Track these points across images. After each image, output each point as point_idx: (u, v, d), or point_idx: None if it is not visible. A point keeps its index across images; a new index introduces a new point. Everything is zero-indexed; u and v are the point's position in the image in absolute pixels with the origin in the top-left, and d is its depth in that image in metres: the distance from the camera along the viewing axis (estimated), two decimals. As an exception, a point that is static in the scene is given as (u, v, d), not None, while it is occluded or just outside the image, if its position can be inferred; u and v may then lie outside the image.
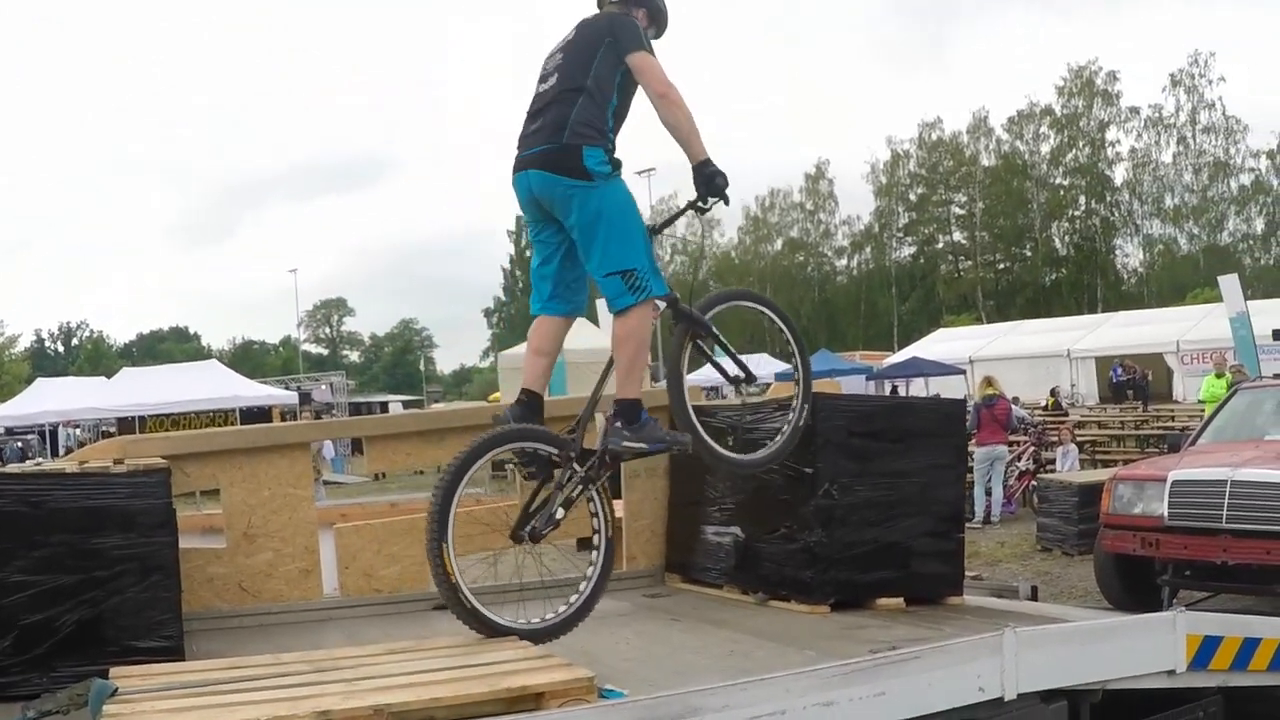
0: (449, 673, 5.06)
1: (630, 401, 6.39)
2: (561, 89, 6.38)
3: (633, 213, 6.37)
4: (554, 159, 6.23)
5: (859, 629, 6.84)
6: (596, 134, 6.26)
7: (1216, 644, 6.55)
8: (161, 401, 39.93)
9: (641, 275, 6.26)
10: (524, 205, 6.55)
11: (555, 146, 6.24)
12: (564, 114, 6.27)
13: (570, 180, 6.19)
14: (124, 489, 5.98)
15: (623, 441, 6.36)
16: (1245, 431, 12.22)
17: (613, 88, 6.36)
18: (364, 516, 10.17)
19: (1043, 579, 13.77)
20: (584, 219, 6.24)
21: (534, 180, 6.32)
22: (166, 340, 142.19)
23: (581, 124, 6.23)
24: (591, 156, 6.19)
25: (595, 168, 6.20)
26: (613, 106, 6.37)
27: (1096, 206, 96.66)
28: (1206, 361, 45.53)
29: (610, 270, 6.24)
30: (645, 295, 6.29)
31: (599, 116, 6.30)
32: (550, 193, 6.27)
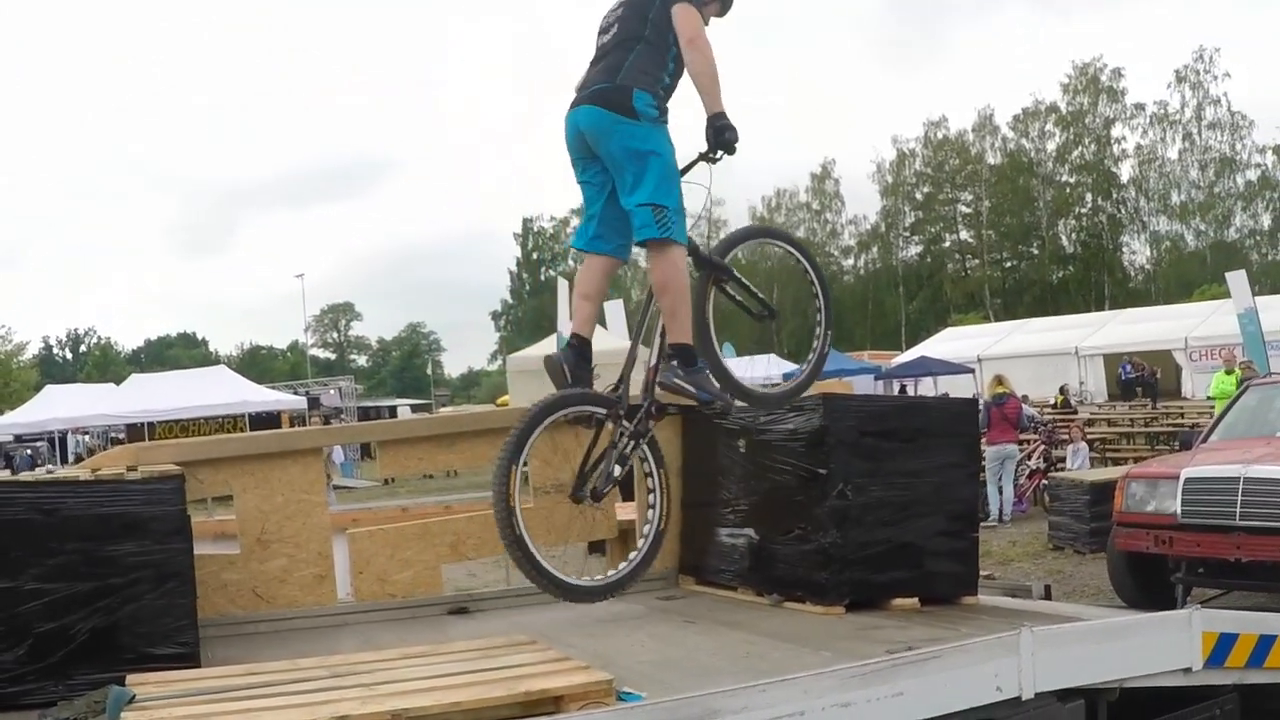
0: (466, 677, 5.06)
1: (684, 345, 6.70)
2: (620, 38, 6.71)
3: (670, 158, 6.61)
4: (604, 96, 6.55)
5: (874, 629, 6.82)
6: (649, 80, 6.58)
7: (1232, 641, 6.54)
8: (171, 408, 39.96)
9: (670, 215, 6.51)
10: (570, 144, 6.81)
11: (608, 85, 6.57)
12: (621, 59, 6.62)
13: (615, 115, 6.49)
14: (138, 496, 5.98)
15: (674, 379, 6.70)
16: (1257, 428, 12.20)
17: (670, 39, 6.61)
18: (375, 521, 10.15)
19: (1055, 578, 13.76)
20: (622, 152, 6.53)
21: (582, 115, 6.62)
22: (174, 346, 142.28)
23: (636, 69, 6.57)
24: (640, 98, 6.49)
25: (642, 109, 6.49)
26: (672, 54, 6.64)
27: (1103, 204, 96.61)
28: (1215, 358, 45.45)
29: (642, 201, 6.49)
30: (669, 234, 6.51)
31: (656, 64, 6.62)
32: (595, 125, 6.56)
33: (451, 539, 8.23)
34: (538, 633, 6.44)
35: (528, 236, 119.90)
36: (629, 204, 6.56)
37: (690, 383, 6.72)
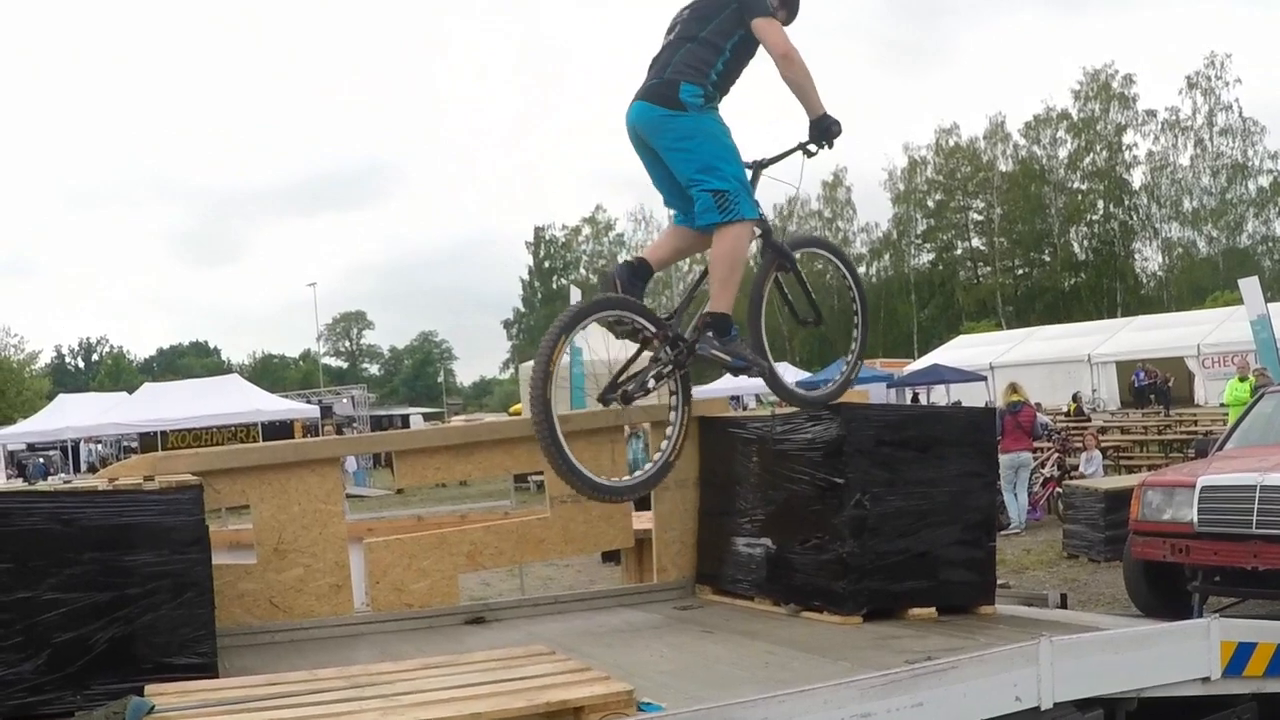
0: (487, 687, 5.05)
1: (721, 315, 6.99)
2: (679, 37, 7.02)
3: (722, 138, 6.91)
4: (654, 92, 6.89)
5: (892, 639, 6.81)
6: (696, 73, 6.84)
7: (1250, 650, 6.53)
8: (184, 416, 40.06)
9: (732, 196, 6.79)
10: (631, 140, 7.15)
11: (658, 81, 6.91)
12: (670, 57, 6.95)
13: (663, 109, 6.81)
14: (156, 506, 5.98)
15: (710, 349, 7.01)
16: (1272, 436, 12.18)
17: (727, 45, 6.90)
18: (391, 531, 10.15)
19: (1070, 586, 13.76)
20: (672, 141, 6.85)
21: (634, 112, 6.98)
22: (186, 355, 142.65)
23: (684, 64, 6.86)
24: (686, 89, 6.78)
25: (688, 99, 6.78)
26: (724, 59, 6.91)
27: (1115, 210, 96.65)
28: (1228, 365, 45.44)
29: (697, 186, 6.81)
30: (733, 216, 6.80)
31: (705, 62, 6.87)
32: (646, 122, 6.91)
33: (469, 548, 8.23)
34: (555, 642, 6.43)
35: (539, 245, 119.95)
36: (690, 191, 6.88)
37: (726, 352, 7.03)
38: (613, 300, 6.95)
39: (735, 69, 7.07)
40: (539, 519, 8.64)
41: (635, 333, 7.05)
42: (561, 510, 8.47)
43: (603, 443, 8.59)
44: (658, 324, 6.98)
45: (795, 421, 7.86)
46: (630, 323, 6.98)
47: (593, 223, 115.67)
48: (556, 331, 6.70)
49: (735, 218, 6.81)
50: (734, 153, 6.96)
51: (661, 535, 8.76)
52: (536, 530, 8.51)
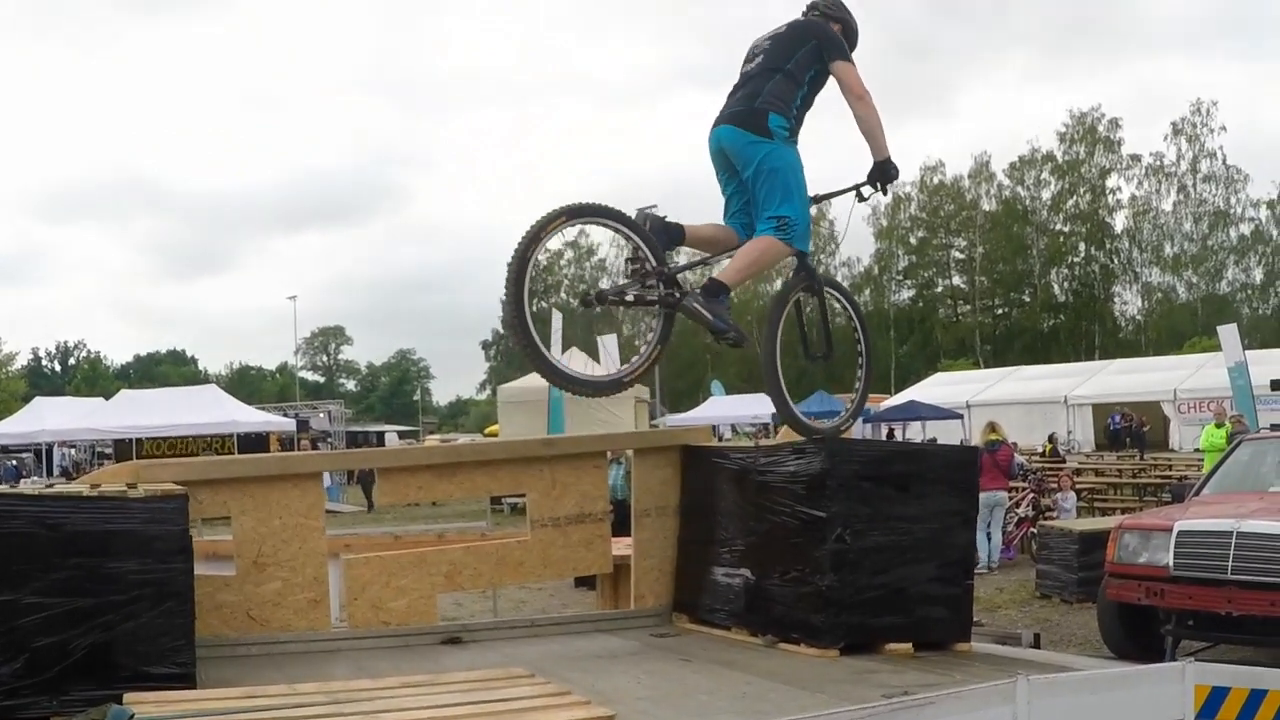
0: (467, 708, 5.07)
1: (720, 284, 7.25)
2: (764, 68, 7.40)
3: (798, 173, 7.32)
4: (743, 117, 7.27)
5: (870, 674, 6.82)
6: (783, 105, 7.26)
7: (1224, 695, 6.56)
8: (160, 425, 39.83)
9: (794, 225, 7.23)
10: (712, 157, 7.55)
11: (747, 109, 7.28)
12: (761, 86, 7.31)
13: (752, 135, 7.19)
14: (141, 514, 5.98)
15: (695, 304, 7.14)
16: (1249, 483, 12.23)
17: (805, 79, 7.36)
18: (368, 548, 10.16)
19: (1042, 626, 13.75)
20: (758, 169, 7.21)
21: (723, 133, 7.35)
22: (164, 363, 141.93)
23: (773, 95, 7.26)
24: (774, 120, 7.19)
25: (775, 129, 7.18)
26: (802, 93, 7.37)
27: (1096, 253, 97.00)
28: (1204, 410, 45.64)
29: (770, 214, 7.20)
30: (788, 240, 7.25)
31: (789, 94, 7.30)
32: (734, 144, 7.27)
33: (447, 569, 8.24)
34: (532, 666, 6.45)
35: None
36: (760, 216, 7.26)
37: (709, 310, 7.13)
38: (629, 220, 7.21)
39: (809, 102, 7.50)
40: (518, 541, 8.65)
41: (635, 258, 7.25)
42: (541, 534, 8.49)
43: (586, 466, 8.64)
44: (659, 259, 7.21)
45: (779, 454, 7.88)
46: (636, 249, 7.21)
47: (575, 247, 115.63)
48: (560, 210, 6.90)
49: (788, 240, 7.26)
50: (805, 191, 7.37)
51: (640, 562, 8.77)
52: (516, 553, 8.52)
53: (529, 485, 8.57)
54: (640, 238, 7.20)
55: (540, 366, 7.00)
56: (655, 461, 8.85)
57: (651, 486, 8.83)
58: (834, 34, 7.52)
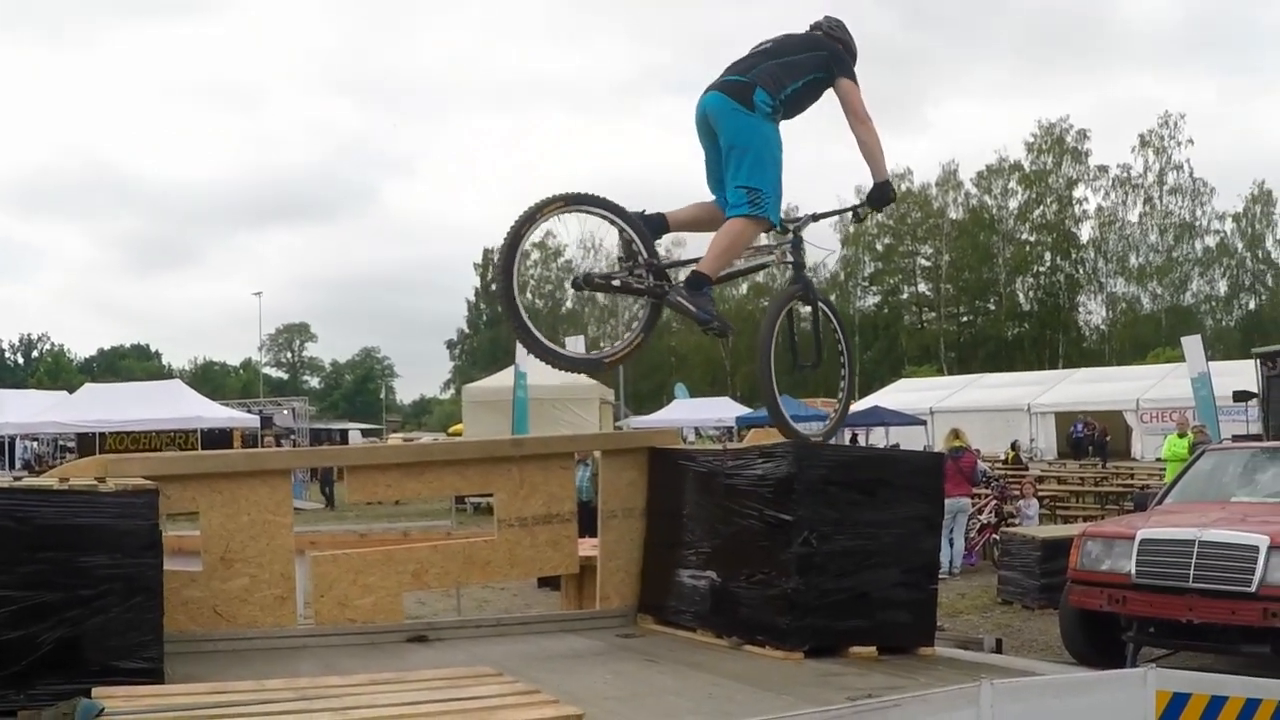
0: (436, 705, 5.08)
1: (702, 275, 7.38)
2: (766, 53, 7.60)
3: (774, 149, 7.44)
4: (732, 87, 7.40)
5: (834, 676, 6.88)
6: (774, 86, 7.40)
7: (1185, 701, 6.61)
8: (124, 419, 39.60)
9: (765, 197, 7.32)
10: (697, 123, 7.63)
11: (737, 80, 7.42)
12: (757, 63, 7.50)
13: (736, 104, 7.32)
14: (112, 509, 5.98)
15: (678, 297, 7.35)
16: (1211, 493, 12.31)
17: (803, 78, 7.53)
18: (333, 545, 10.16)
19: (1004, 631, 13.82)
20: (735, 139, 7.35)
21: (709, 100, 7.47)
22: (127, 357, 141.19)
23: (766, 74, 7.41)
24: (760, 95, 7.32)
25: (759, 103, 7.32)
26: (794, 87, 7.50)
27: (1062, 263, 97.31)
28: (1166, 420, 45.82)
29: (740, 183, 7.30)
30: (759, 213, 7.32)
31: (782, 80, 7.44)
32: (718, 111, 7.38)
33: (415, 567, 8.26)
34: (499, 665, 6.45)
35: (488, 267, 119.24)
36: (731, 184, 7.36)
37: (692, 303, 7.31)
38: (626, 213, 7.39)
39: (802, 101, 7.66)
40: (485, 541, 8.68)
41: (628, 248, 7.44)
42: (508, 533, 8.52)
43: (554, 467, 8.67)
44: (651, 252, 7.43)
45: (746, 458, 7.93)
46: (630, 241, 7.40)
47: (541, 248, 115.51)
48: (557, 196, 7.14)
49: (759, 214, 7.33)
50: (779, 165, 7.47)
51: (606, 563, 8.81)
52: (483, 552, 8.54)
53: (497, 485, 8.60)
54: (633, 229, 7.39)
55: (524, 338, 7.20)
56: (623, 463, 8.88)
57: (619, 488, 8.87)
58: (844, 54, 7.70)
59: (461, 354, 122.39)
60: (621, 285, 7.50)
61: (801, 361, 8.19)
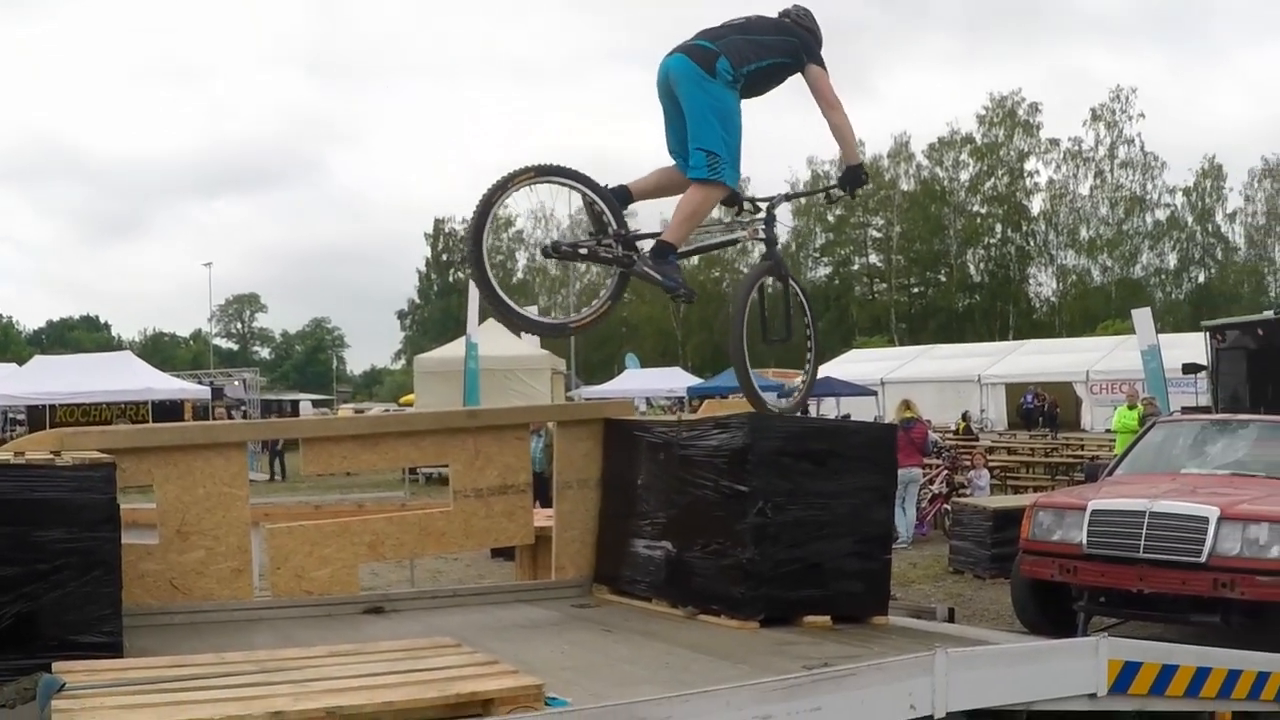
0: (397, 677, 5.10)
1: (667, 244, 7.59)
2: (735, 27, 7.71)
3: (733, 115, 7.54)
4: (697, 52, 7.49)
5: (789, 645, 6.94)
6: (739, 57, 7.50)
7: (1136, 670, 6.71)
8: (74, 391, 39.28)
9: (723, 162, 7.43)
10: (659, 85, 7.75)
11: (702, 46, 7.52)
12: (724, 34, 7.62)
13: (699, 69, 7.42)
14: (69, 483, 5.97)
15: (644, 267, 7.56)
16: (1161, 464, 12.41)
17: (770, 59, 7.66)
18: (288, 517, 10.15)
19: (955, 601, 13.90)
20: (695, 102, 7.45)
21: (672, 62, 7.56)
22: (76, 329, 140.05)
23: (732, 47, 7.51)
24: (723, 63, 7.42)
25: (721, 71, 7.42)
26: (761, 65, 7.61)
27: (1012, 235, 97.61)
28: (1116, 392, 46.21)
29: (699, 145, 7.42)
30: (717, 177, 7.45)
31: (749, 56, 7.54)
32: (680, 74, 7.48)
33: (370, 539, 8.27)
34: (456, 636, 6.46)
35: (439, 237, 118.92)
36: (691, 145, 7.47)
37: (658, 271, 7.55)
38: (597, 186, 7.56)
39: (761, 83, 7.76)
40: (441, 512, 8.70)
41: (598, 219, 7.60)
42: (464, 504, 8.55)
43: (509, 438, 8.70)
44: (620, 223, 7.61)
45: (701, 429, 7.97)
46: (601, 213, 7.57)
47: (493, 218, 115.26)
48: (534, 167, 7.37)
49: (717, 178, 7.45)
50: (738, 132, 7.57)
51: (561, 534, 8.86)
52: (438, 523, 8.57)
53: (452, 456, 8.62)
54: (603, 200, 7.55)
55: (493, 300, 7.47)
56: (578, 434, 8.92)
57: (573, 459, 8.91)
58: (811, 40, 7.85)
59: (412, 324, 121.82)
60: (590, 254, 7.61)
61: (771, 335, 8.37)
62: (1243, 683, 7.44)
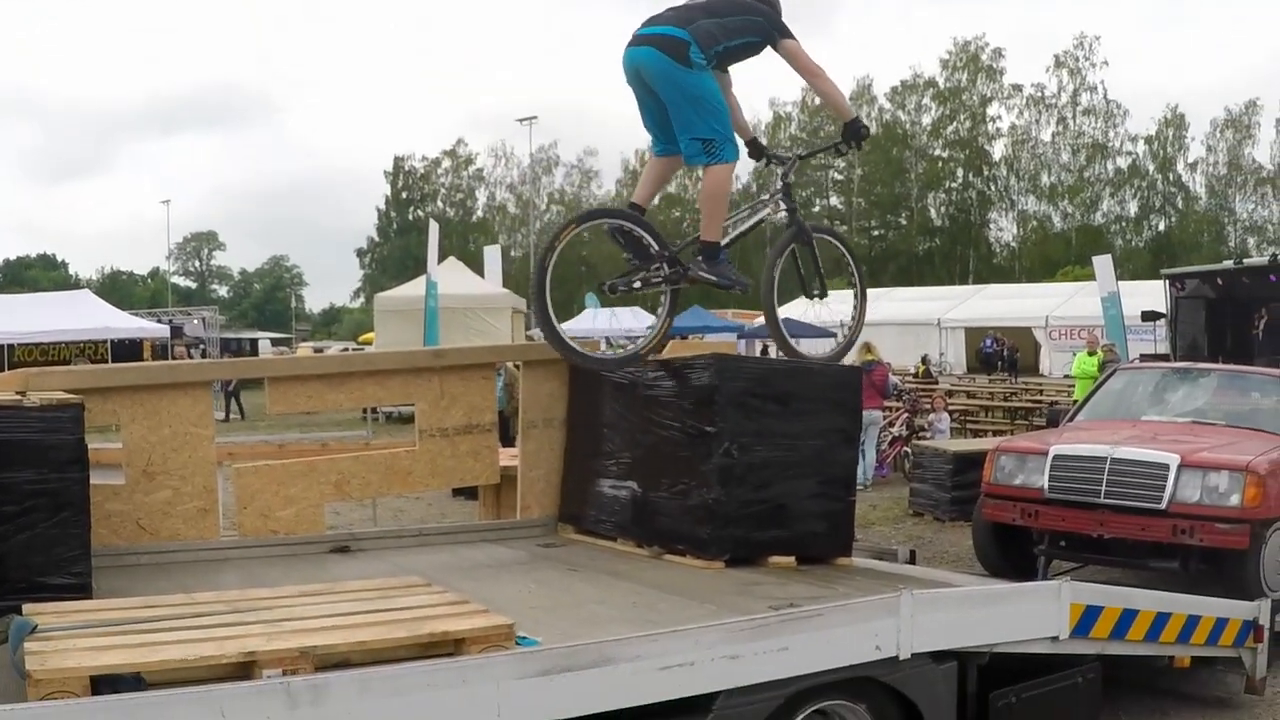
0: (368, 616, 5.12)
1: (710, 243, 7.74)
2: (703, 8, 7.66)
3: (716, 95, 7.58)
4: (667, 43, 7.47)
5: (755, 585, 6.99)
6: (708, 42, 7.51)
7: (1097, 613, 6.80)
8: (32, 330, 39.05)
9: (719, 145, 7.55)
10: (627, 74, 7.77)
11: (671, 35, 7.48)
12: (692, 17, 7.57)
13: (673, 61, 7.42)
14: (36, 423, 5.93)
15: (699, 271, 7.73)
16: (1122, 411, 12.47)
17: (739, 40, 7.69)
18: (252, 456, 10.14)
19: (915, 543, 13.96)
20: (675, 95, 7.51)
21: (643, 55, 7.55)
22: (33, 267, 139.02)
23: (702, 31, 7.50)
24: (695, 51, 7.42)
25: (694, 58, 7.42)
26: (729, 46, 7.64)
27: (974, 180, 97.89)
28: (1074, 338, 46.51)
29: (692, 135, 7.52)
30: (719, 159, 7.57)
31: (715, 39, 7.54)
32: (654, 68, 7.49)
33: (336, 478, 8.28)
34: (423, 575, 6.48)
35: (398, 175, 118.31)
36: (682, 137, 7.57)
37: (713, 273, 7.75)
38: (632, 215, 7.78)
39: (733, 58, 7.82)
40: (406, 451, 8.70)
41: (640, 247, 7.73)
42: (429, 443, 8.56)
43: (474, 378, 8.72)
44: (662, 244, 7.76)
45: (668, 369, 7.99)
46: (640, 238, 7.71)
47: (453, 156, 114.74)
48: (574, 218, 7.67)
49: (720, 160, 7.55)
50: (724, 109, 7.63)
51: (527, 473, 8.88)
52: (404, 462, 8.58)
53: (418, 395, 8.62)
54: (644, 228, 7.74)
55: (560, 348, 7.65)
56: (544, 373, 8.93)
57: (539, 398, 8.93)
58: (777, 16, 7.86)
59: (371, 263, 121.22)
60: (644, 283, 7.83)
61: (811, 292, 8.74)
62: (1201, 628, 7.56)
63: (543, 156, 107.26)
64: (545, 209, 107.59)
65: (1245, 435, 10.97)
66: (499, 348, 16.55)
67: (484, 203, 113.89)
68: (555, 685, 4.59)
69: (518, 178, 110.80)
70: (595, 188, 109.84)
